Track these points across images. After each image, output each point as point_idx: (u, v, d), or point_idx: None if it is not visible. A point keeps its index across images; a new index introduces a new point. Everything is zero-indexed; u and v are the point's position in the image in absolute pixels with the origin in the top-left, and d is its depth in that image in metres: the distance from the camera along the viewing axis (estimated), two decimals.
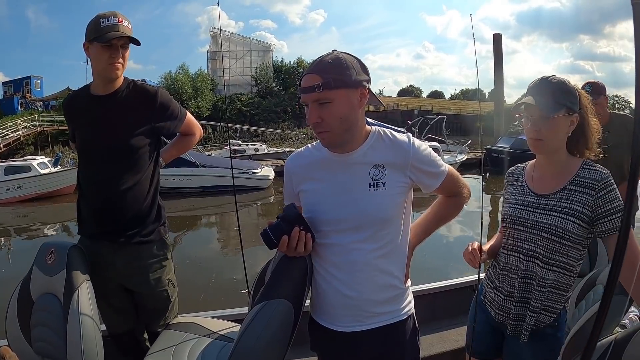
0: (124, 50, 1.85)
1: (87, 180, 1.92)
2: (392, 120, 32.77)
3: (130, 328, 2.04)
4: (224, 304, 5.06)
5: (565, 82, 1.50)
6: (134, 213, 1.88)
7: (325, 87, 1.23)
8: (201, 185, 15.76)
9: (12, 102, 35.65)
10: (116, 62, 1.81)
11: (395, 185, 1.35)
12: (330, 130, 1.29)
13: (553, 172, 1.56)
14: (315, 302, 1.48)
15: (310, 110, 1.28)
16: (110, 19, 1.79)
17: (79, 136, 1.90)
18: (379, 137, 1.38)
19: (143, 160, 1.90)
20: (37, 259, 1.80)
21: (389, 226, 1.37)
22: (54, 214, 14.13)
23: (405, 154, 1.36)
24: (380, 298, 1.39)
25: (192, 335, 1.87)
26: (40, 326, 1.72)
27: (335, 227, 1.37)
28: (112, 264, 1.88)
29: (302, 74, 1.29)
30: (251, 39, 46.42)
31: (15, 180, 15.51)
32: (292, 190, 1.48)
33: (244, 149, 23.93)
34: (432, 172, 1.40)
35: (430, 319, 2.93)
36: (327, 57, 1.28)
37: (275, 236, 1.32)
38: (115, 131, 1.84)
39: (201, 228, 12.88)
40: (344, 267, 1.37)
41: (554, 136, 1.50)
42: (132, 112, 1.87)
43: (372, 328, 1.40)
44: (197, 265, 8.07)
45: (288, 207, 1.35)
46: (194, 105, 34.14)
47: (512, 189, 1.70)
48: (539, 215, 1.53)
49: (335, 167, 1.38)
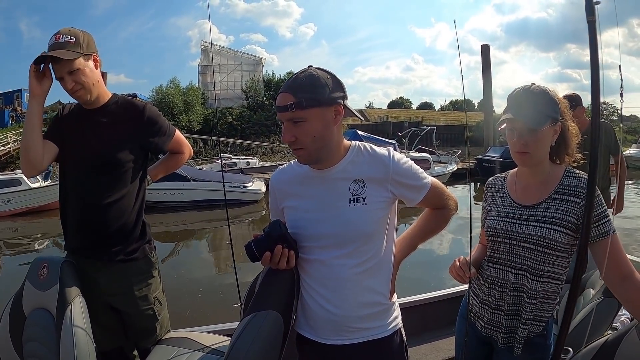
0: (73, 75, 1.75)
1: (70, 190, 1.89)
2: (383, 132, 32.89)
3: (119, 346, 2.01)
4: (217, 319, 5.04)
5: (546, 91, 1.50)
6: (117, 228, 1.86)
7: (298, 106, 1.25)
8: (192, 200, 15.66)
9: (2, 115, 35.23)
10: (71, 89, 1.78)
11: (376, 200, 1.35)
12: (305, 148, 1.30)
13: (537, 181, 1.55)
14: (300, 315, 1.49)
15: (285, 128, 1.30)
16: (51, 39, 1.74)
17: (66, 148, 1.87)
18: (359, 151, 1.39)
19: (128, 175, 1.88)
20: (29, 273, 1.80)
21: (370, 241, 1.37)
22: (45, 228, 13.96)
23: (385, 168, 1.36)
24: (363, 314, 1.39)
25: (184, 350, 1.87)
26: (32, 341, 1.71)
27: (317, 243, 1.38)
28: (95, 282, 1.86)
29: (278, 92, 1.30)
30: (242, 53, 46.50)
31: (5, 194, 15.30)
32: (277, 207, 1.50)
33: (235, 162, 23.85)
34: (414, 186, 1.39)
35: (422, 330, 2.95)
36: (301, 74, 1.29)
37: (258, 251, 1.35)
38: (101, 144, 1.83)
39: (192, 242, 12.78)
40: (326, 283, 1.38)
41: (541, 148, 1.49)
42: (119, 126, 1.86)
43: (356, 343, 1.40)
44: (187, 280, 8.01)
45: (272, 224, 1.37)
46: (185, 119, 34.04)
47: (494, 200, 1.67)
48: (525, 227, 1.51)
49: (315, 183, 1.39)
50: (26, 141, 1.76)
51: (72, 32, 1.75)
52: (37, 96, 1.76)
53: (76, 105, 1.94)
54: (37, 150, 1.76)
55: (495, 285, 1.60)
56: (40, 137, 1.78)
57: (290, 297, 1.41)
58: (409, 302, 2.99)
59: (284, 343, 1.38)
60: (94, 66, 1.83)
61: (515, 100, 1.51)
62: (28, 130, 1.76)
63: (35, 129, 1.76)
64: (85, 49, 1.77)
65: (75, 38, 1.75)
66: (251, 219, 14.80)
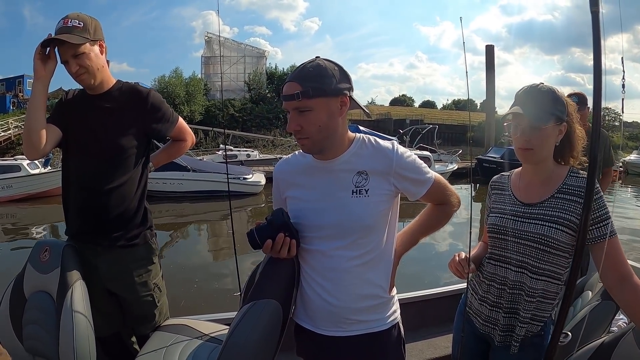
0: (78, 59, 1.76)
1: (72, 175, 1.89)
2: (384, 129, 32.85)
3: (116, 331, 2.02)
4: (217, 308, 5.03)
5: (554, 90, 1.50)
6: (118, 213, 1.87)
7: (305, 95, 1.25)
8: (192, 190, 15.67)
9: (4, 100, 35.18)
10: (76, 73, 1.78)
11: (379, 192, 1.35)
12: (310, 137, 1.31)
13: (540, 180, 1.54)
14: (299, 305, 1.50)
15: (291, 117, 1.30)
16: (59, 23, 1.75)
17: (69, 132, 1.87)
18: (363, 143, 1.39)
19: (131, 161, 1.89)
20: (31, 256, 1.81)
21: (371, 234, 1.37)
22: (44, 214, 13.98)
23: (389, 161, 1.36)
24: (361, 306, 1.40)
25: (183, 337, 1.87)
26: (32, 324, 1.72)
27: (318, 234, 1.39)
28: (95, 267, 1.87)
29: (285, 81, 1.31)
30: (245, 45, 46.43)
31: (4, 180, 15.35)
32: (280, 196, 1.50)
33: (236, 154, 23.88)
34: (417, 180, 1.39)
35: (420, 326, 2.96)
36: (309, 64, 1.30)
37: (260, 238, 1.35)
38: (104, 130, 1.84)
39: (191, 232, 12.80)
40: (325, 274, 1.39)
41: (544, 146, 1.49)
42: (122, 112, 1.87)
43: (354, 335, 1.41)
44: (186, 270, 8.03)
45: (275, 212, 1.38)
46: (187, 110, 34.04)
47: (497, 197, 1.67)
48: (527, 225, 1.51)
49: (319, 173, 1.40)
50: (29, 122, 1.76)
51: (80, 17, 1.76)
52: (42, 77, 1.76)
53: (80, 91, 1.94)
54: (40, 131, 1.75)
55: (495, 282, 1.61)
56: (43, 118, 1.79)
57: (290, 287, 1.42)
58: (407, 298, 2.99)
59: (283, 332, 1.39)
60: (99, 51, 1.83)
61: (523, 97, 1.52)
62: (31, 111, 1.76)
63: (39, 111, 1.76)
64: (93, 35, 1.77)
65: (84, 23, 1.75)
66: (250, 209, 14.82)
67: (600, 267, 1.39)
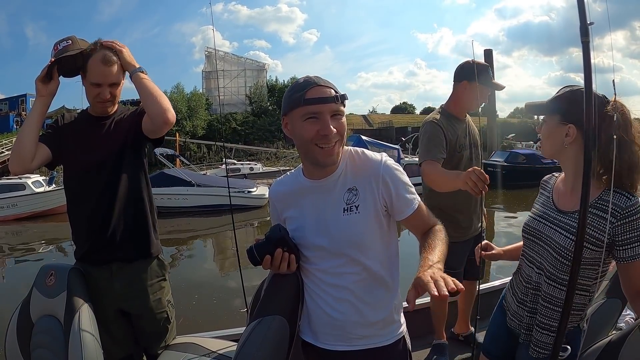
0: (112, 88, 1.83)
1: (77, 195, 1.90)
2: (386, 137, 32.91)
3: (128, 354, 2.00)
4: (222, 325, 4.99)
5: (576, 91, 1.44)
6: (129, 230, 1.88)
7: (343, 99, 1.28)
8: (197, 205, 15.68)
9: (7, 120, 35.63)
10: (104, 100, 1.83)
11: (369, 207, 1.33)
12: (340, 142, 1.30)
13: (577, 189, 1.41)
14: (304, 320, 1.49)
15: (326, 120, 1.25)
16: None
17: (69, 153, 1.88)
18: (351, 156, 1.39)
19: (131, 172, 1.90)
20: (36, 281, 1.81)
21: (366, 251, 1.35)
22: (49, 232, 14.00)
23: (376, 168, 1.34)
24: (364, 322, 1.38)
25: (191, 356, 1.87)
26: (40, 348, 1.72)
27: (316, 253, 1.38)
28: (109, 289, 1.86)
29: (307, 87, 1.27)
30: (245, 59, 46.84)
31: (9, 198, 15.38)
32: (279, 217, 1.50)
33: (239, 168, 23.93)
34: (402, 195, 1.34)
35: (427, 333, 2.93)
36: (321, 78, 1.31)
37: (259, 254, 1.35)
38: (106, 148, 1.86)
39: (197, 248, 12.79)
40: (328, 290, 1.39)
41: (546, 140, 1.52)
42: (121, 128, 1.89)
43: (358, 349, 1.39)
44: (194, 286, 8.00)
45: (273, 228, 1.38)
46: (189, 125, 34.26)
47: (540, 197, 1.67)
48: (553, 232, 1.49)
49: (312, 193, 1.40)
50: (21, 137, 1.79)
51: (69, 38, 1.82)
52: (43, 97, 1.82)
53: (80, 114, 1.97)
54: (29, 146, 1.78)
55: (523, 280, 1.62)
56: (36, 135, 1.82)
57: (295, 303, 1.42)
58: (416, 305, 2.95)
59: (290, 348, 1.38)
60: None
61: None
62: (26, 126, 1.81)
63: (33, 127, 1.81)
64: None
65: (71, 41, 1.81)
66: (256, 225, 14.82)
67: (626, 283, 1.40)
